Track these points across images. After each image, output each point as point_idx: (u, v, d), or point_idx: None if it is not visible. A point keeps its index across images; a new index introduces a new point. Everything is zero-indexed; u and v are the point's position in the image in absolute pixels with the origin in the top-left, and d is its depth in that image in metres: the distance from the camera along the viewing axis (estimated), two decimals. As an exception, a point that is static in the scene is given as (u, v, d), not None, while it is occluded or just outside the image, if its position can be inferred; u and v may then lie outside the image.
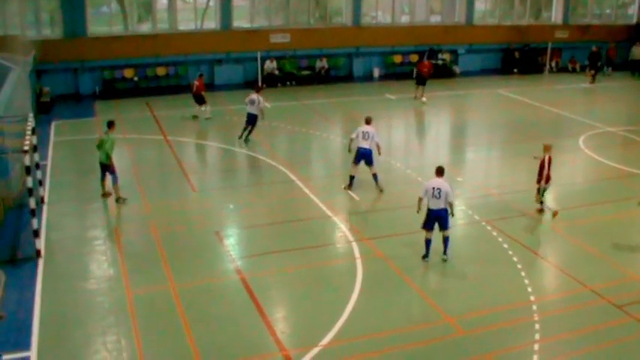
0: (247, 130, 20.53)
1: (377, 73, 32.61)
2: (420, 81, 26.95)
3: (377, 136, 16.13)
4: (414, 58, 31.77)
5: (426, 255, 12.69)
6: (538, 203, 14.83)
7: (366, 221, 15.12)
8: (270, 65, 29.79)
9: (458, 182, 16.79)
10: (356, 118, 16.74)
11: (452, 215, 12.60)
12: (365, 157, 16.06)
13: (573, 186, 17.45)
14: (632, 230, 14.54)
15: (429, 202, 12.42)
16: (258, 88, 21.02)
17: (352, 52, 32.23)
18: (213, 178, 18.37)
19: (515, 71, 34.18)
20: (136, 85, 28.38)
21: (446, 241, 12.70)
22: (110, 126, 15.55)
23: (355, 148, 16.14)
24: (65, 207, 15.51)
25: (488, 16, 35.35)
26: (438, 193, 12.26)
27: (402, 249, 13.22)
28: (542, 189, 14.68)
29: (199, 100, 23.39)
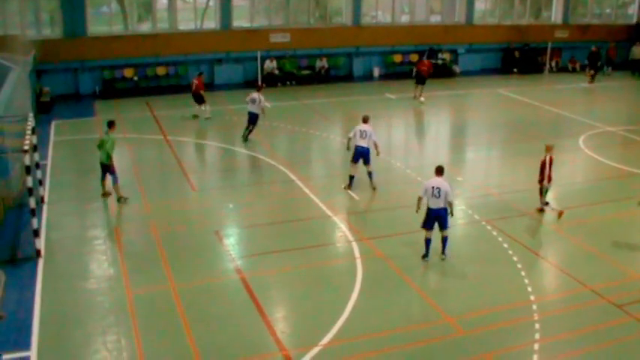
0: (248, 129, 20.57)
1: (377, 72, 32.61)
2: (419, 80, 26.94)
3: (374, 134, 16.15)
4: (414, 58, 31.76)
5: (426, 255, 12.69)
6: (543, 204, 14.79)
7: (365, 221, 15.12)
8: (270, 65, 29.78)
9: (458, 182, 16.80)
10: (356, 118, 16.74)
11: (451, 215, 12.61)
12: (363, 155, 16.09)
13: (573, 186, 17.46)
14: (632, 230, 14.54)
15: (428, 202, 12.43)
16: (258, 87, 21.05)
17: (352, 52, 32.22)
18: (213, 177, 18.37)
19: (515, 71, 34.17)
20: (136, 84, 28.38)
21: (444, 240, 12.71)
22: (110, 126, 15.55)
23: (353, 147, 16.18)
24: (65, 207, 15.51)
25: (488, 16, 35.33)
26: (438, 192, 12.26)
27: (401, 249, 13.23)
28: (545, 189, 14.66)
29: (198, 99, 23.38)
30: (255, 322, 10.57)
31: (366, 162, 16.21)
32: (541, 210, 15.00)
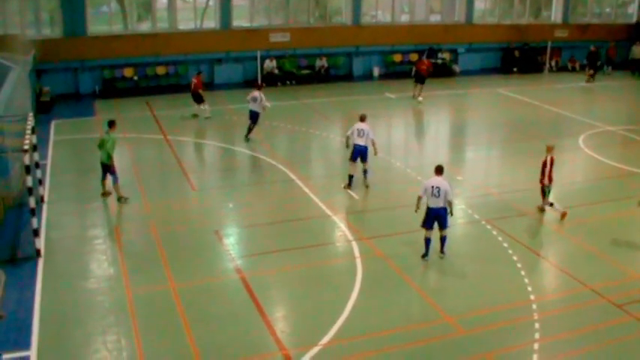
0: (249, 127, 20.62)
1: (377, 72, 32.59)
2: (418, 79, 26.93)
3: (372, 133, 16.20)
4: (414, 57, 31.69)
5: (426, 254, 12.70)
6: (548, 205, 14.76)
7: (365, 220, 15.12)
8: (270, 64, 29.77)
9: (458, 181, 16.80)
10: (356, 117, 16.73)
11: (451, 214, 12.61)
12: (361, 154, 16.16)
13: (573, 185, 17.45)
14: (632, 229, 14.54)
15: (428, 201, 12.43)
16: (259, 86, 21.08)
17: (352, 51, 32.21)
18: (212, 177, 18.37)
19: (514, 70, 34.16)
20: (136, 84, 28.37)
21: (443, 239, 12.73)
22: (111, 125, 15.55)
23: (352, 146, 16.22)
24: (65, 206, 15.51)
25: (487, 15, 35.32)
26: (437, 191, 12.27)
27: (401, 248, 13.23)
28: (548, 189, 14.64)
29: (197, 98, 23.38)
30: (255, 322, 10.57)
31: (364, 160, 16.27)
32: (542, 209, 15.00)
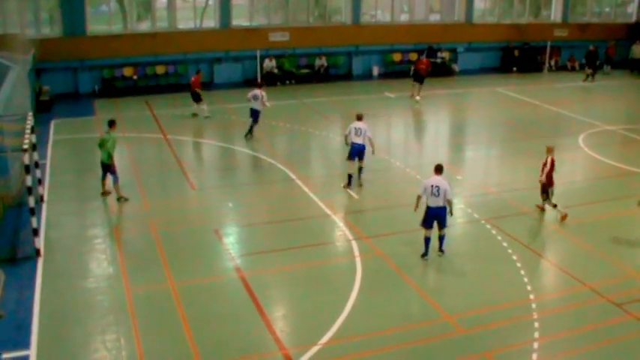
0: (251, 126, 20.67)
1: (376, 71, 32.57)
2: (417, 79, 26.89)
3: (369, 131, 16.27)
4: (414, 57, 31.64)
5: (425, 253, 12.70)
6: (551, 206, 14.74)
7: (365, 220, 15.11)
8: (270, 64, 29.76)
9: (457, 180, 16.80)
10: (355, 117, 16.72)
11: (451, 214, 12.63)
12: (359, 152, 16.22)
13: (573, 184, 17.44)
14: (632, 228, 14.54)
15: (427, 200, 12.44)
16: (260, 84, 21.15)
17: (351, 51, 32.19)
18: (212, 176, 18.37)
19: (514, 70, 34.16)
20: (136, 83, 28.35)
21: (441, 238, 12.74)
22: (111, 125, 15.54)
23: (350, 144, 16.26)
24: (64, 206, 15.50)
25: (487, 15, 35.31)
26: (437, 190, 12.28)
27: (401, 247, 13.23)
28: (551, 191, 14.63)
29: (195, 97, 23.38)
30: (254, 321, 10.57)
31: (361, 158, 16.34)
32: (542, 208, 14.98)
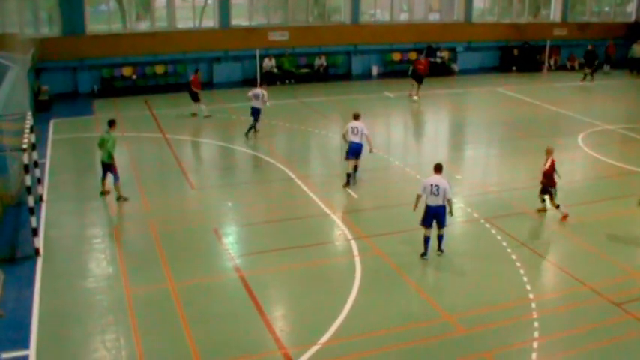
0: (252, 124, 20.72)
1: (375, 70, 32.57)
2: (416, 79, 26.87)
3: (366, 129, 16.32)
4: (413, 56, 31.70)
5: (425, 252, 12.70)
6: (554, 207, 14.73)
7: (364, 219, 15.10)
8: (269, 63, 29.77)
9: (457, 180, 16.79)
10: (352, 116, 16.72)
11: (451, 214, 12.63)
12: (357, 151, 16.27)
13: (572, 184, 17.41)
14: (631, 228, 14.53)
15: (427, 199, 12.44)
16: (261, 83, 21.23)
17: (351, 50, 32.19)
18: (211, 175, 18.36)
19: (513, 69, 34.17)
20: (135, 83, 28.34)
21: (440, 237, 12.75)
22: (111, 125, 15.53)
23: (348, 143, 16.30)
24: (64, 205, 15.50)
25: (487, 14, 35.33)
26: (437, 190, 12.28)
27: (400, 246, 13.24)
28: (554, 192, 14.62)
29: (193, 96, 23.38)
30: (254, 321, 10.57)
31: (357, 157, 16.39)
32: (543, 210, 14.92)
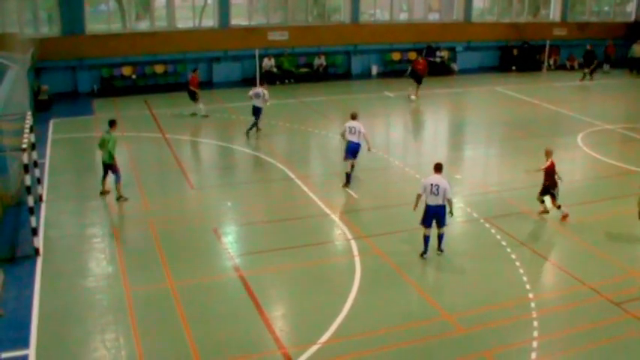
0: (253, 123, 20.76)
1: (375, 70, 32.57)
2: (415, 78, 26.85)
3: (363, 128, 16.37)
4: (413, 56, 31.68)
5: (425, 252, 12.70)
6: (556, 207, 14.72)
7: (364, 219, 15.10)
8: (269, 63, 29.76)
9: (456, 180, 16.79)
10: (350, 116, 16.73)
11: (451, 214, 12.63)
12: (355, 151, 16.29)
13: (572, 183, 17.39)
14: (631, 227, 14.51)
15: (427, 199, 12.44)
16: (261, 83, 21.25)
17: (350, 50, 32.19)
18: (211, 175, 18.36)
19: (513, 69, 34.16)
20: (134, 82, 28.33)
21: (440, 237, 12.75)
22: (111, 125, 15.53)
23: (346, 143, 16.32)
24: (64, 205, 15.49)
25: (486, 14, 35.34)
26: (437, 189, 12.28)
27: (400, 246, 13.24)
28: (556, 192, 14.61)
29: (191, 96, 23.37)
30: (253, 320, 10.57)
31: (355, 156, 16.43)
32: (546, 212, 14.90)
